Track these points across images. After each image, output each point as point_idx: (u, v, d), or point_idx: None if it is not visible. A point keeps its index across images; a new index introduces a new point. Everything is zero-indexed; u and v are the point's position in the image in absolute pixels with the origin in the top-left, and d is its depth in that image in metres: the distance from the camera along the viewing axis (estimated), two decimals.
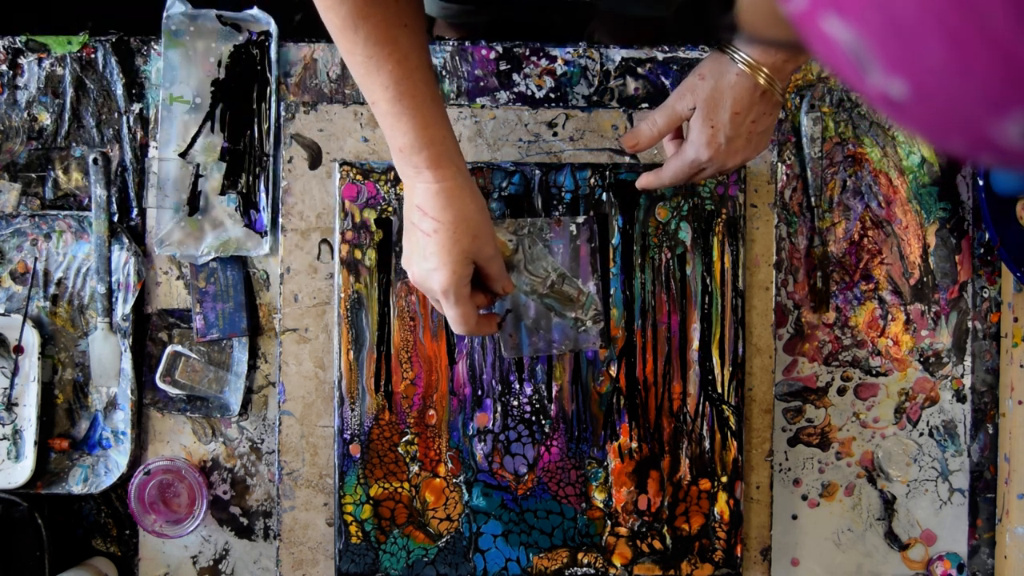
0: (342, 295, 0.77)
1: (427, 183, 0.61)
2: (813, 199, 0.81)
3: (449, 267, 0.60)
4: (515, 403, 0.77)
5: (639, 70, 0.81)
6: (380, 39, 0.58)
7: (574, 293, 0.70)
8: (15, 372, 0.79)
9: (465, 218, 0.61)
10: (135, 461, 0.79)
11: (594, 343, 0.75)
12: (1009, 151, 0.23)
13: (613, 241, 0.77)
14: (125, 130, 0.81)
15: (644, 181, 0.72)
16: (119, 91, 0.81)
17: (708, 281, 0.78)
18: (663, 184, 0.70)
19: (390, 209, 0.77)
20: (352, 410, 0.77)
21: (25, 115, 0.81)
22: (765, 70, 0.61)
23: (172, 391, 0.79)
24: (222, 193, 0.80)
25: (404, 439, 0.77)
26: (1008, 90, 0.21)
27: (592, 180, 0.77)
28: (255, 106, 0.80)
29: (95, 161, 0.79)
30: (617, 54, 0.81)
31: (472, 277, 0.63)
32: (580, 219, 0.74)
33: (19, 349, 0.79)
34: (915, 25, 0.21)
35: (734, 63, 0.62)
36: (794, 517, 0.82)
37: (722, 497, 0.77)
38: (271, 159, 0.79)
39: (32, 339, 0.79)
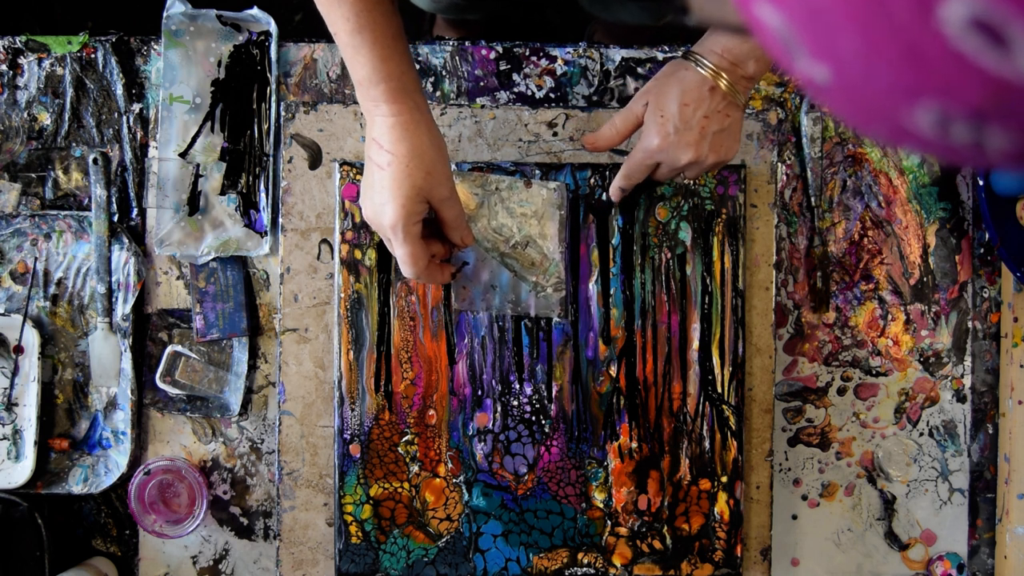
0: (342, 295, 0.77)
1: (384, 116, 0.60)
2: (813, 199, 0.81)
3: (399, 200, 0.59)
4: (515, 403, 0.77)
5: (639, 70, 0.81)
6: None
7: (537, 257, 0.69)
8: (15, 372, 0.79)
9: (419, 153, 0.60)
10: (135, 461, 0.79)
11: (552, 310, 0.73)
12: (924, 140, 0.23)
13: (613, 241, 0.77)
14: (125, 130, 0.81)
15: (612, 188, 0.74)
16: (119, 91, 0.81)
17: (708, 281, 0.78)
18: (624, 181, 0.71)
19: None
20: (352, 410, 0.77)
21: (25, 115, 0.81)
22: (724, 76, 0.63)
23: (172, 391, 0.79)
24: (222, 193, 0.80)
25: (404, 439, 0.77)
26: (915, 79, 0.21)
27: (592, 180, 0.77)
28: (255, 106, 0.80)
29: (95, 161, 0.79)
30: (617, 54, 0.81)
31: (431, 225, 0.63)
32: (552, 184, 0.73)
33: (19, 349, 0.79)
34: (830, 12, 0.21)
35: (687, 62, 0.64)
36: (794, 517, 0.82)
37: (722, 497, 0.77)
38: (271, 159, 0.79)
39: (32, 339, 0.79)
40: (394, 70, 0.60)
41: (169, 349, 0.79)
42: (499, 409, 0.77)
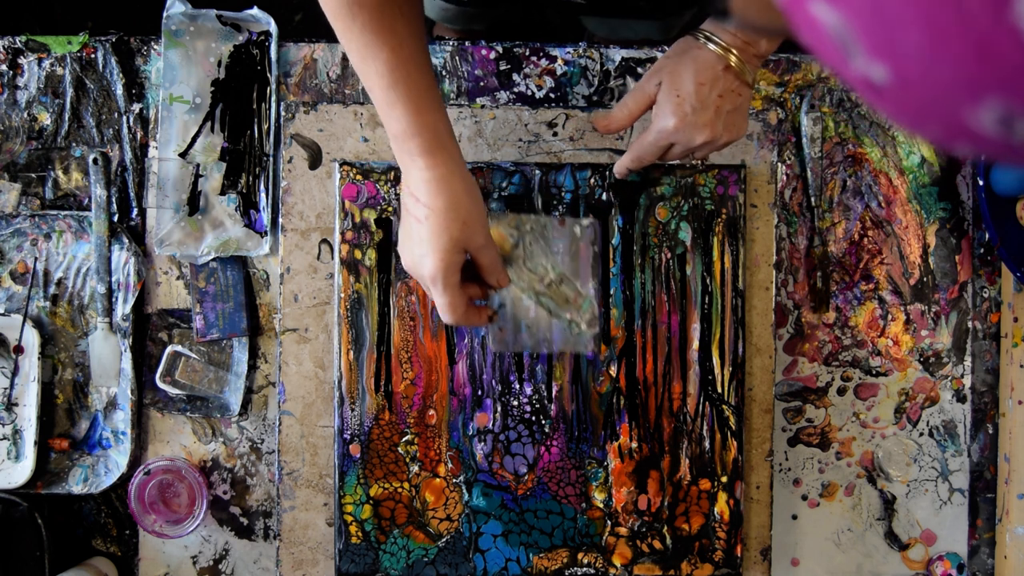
0: (342, 295, 0.77)
1: (420, 170, 0.61)
2: (813, 199, 0.81)
3: (438, 254, 0.60)
4: (515, 403, 0.77)
5: (639, 70, 0.81)
6: (377, 26, 0.58)
7: (571, 295, 0.69)
8: (15, 372, 0.79)
9: (455, 205, 0.60)
10: (135, 461, 0.79)
11: (587, 346, 0.75)
12: (984, 139, 0.23)
13: (613, 241, 0.77)
14: (125, 130, 0.81)
15: (617, 166, 0.73)
16: (119, 91, 0.81)
17: (708, 281, 0.78)
18: (634, 163, 0.70)
19: (390, 209, 0.77)
20: (352, 410, 0.77)
21: (25, 115, 0.81)
22: (734, 53, 0.62)
23: (172, 391, 0.79)
24: (222, 193, 0.80)
25: (404, 439, 0.77)
26: (983, 76, 0.21)
27: (592, 180, 0.77)
28: (255, 106, 0.80)
29: (95, 161, 0.79)
30: (617, 54, 0.81)
31: (467, 268, 0.63)
32: (585, 221, 0.73)
33: (19, 349, 0.79)
34: (897, 9, 0.21)
35: (697, 41, 0.64)
36: (794, 517, 0.82)
37: (722, 497, 0.77)
38: (271, 159, 0.79)
39: (32, 339, 0.79)
40: (429, 123, 0.60)
41: (169, 349, 0.79)
42: (499, 409, 0.77)
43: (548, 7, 0.85)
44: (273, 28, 0.79)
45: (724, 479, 0.77)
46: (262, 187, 0.80)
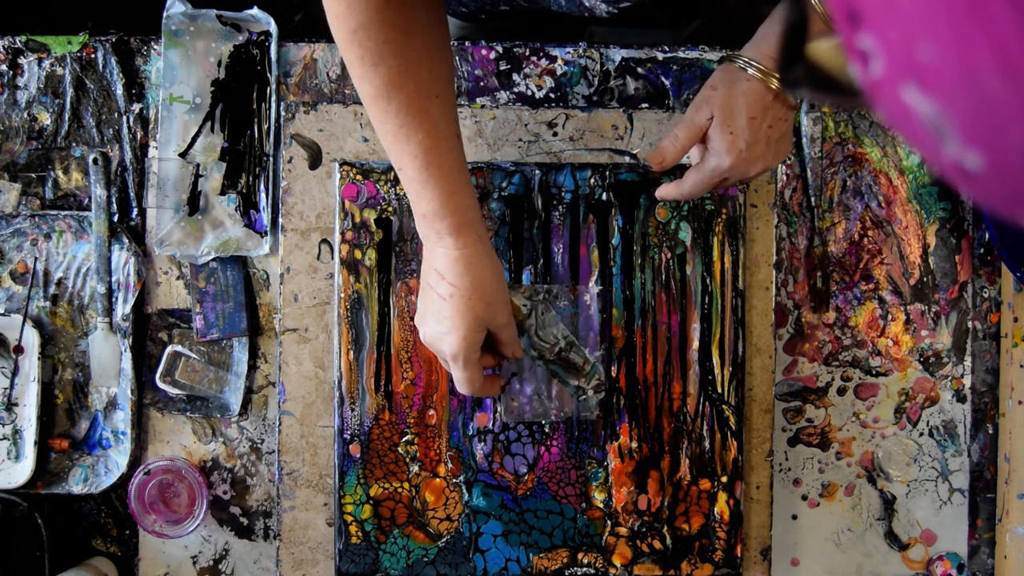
0: (342, 295, 0.77)
1: (447, 249, 0.61)
2: (813, 199, 0.81)
3: (461, 332, 0.61)
4: (515, 403, 0.77)
5: (639, 70, 0.81)
6: (412, 109, 0.58)
7: (580, 361, 0.70)
8: (15, 372, 0.79)
9: (481, 285, 0.61)
10: (135, 461, 0.79)
11: (592, 412, 0.76)
12: None
13: (613, 241, 0.77)
14: (125, 130, 0.81)
15: (664, 192, 0.72)
16: (119, 91, 0.81)
17: (708, 281, 0.78)
18: (684, 196, 0.70)
19: (390, 209, 0.77)
20: (352, 410, 0.77)
21: (25, 115, 0.81)
22: (776, 76, 0.62)
23: (172, 391, 0.79)
24: (222, 193, 0.80)
25: (404, 439, 0.77)
26: None
27: (592, 180, 0.77)
28: (255, 106, 0.80)
29: (95, 161, 0.79)
30: (617, 54, 0.81)
31: (484, 342, 0.64)
32: (596, 289, 0.75)
33: (19, 349, 0.79)
34: (1001, 106, 0.21)
35: (744, 71, 0.63)
36: (794, 517, 0.82)
37: (722, 497, 0.77)
38: (271, 159, 0.79)
39: (32, 339, 0.79)
40: (460, 204, 0.60)
41: (169, 349, 0.79)
42: (499, 409, 0.77)
43: (559, 23, 0.84)
44: (273, 28, 0.79)
45: (724, 479, 0.77)
46: (262, 187, 0.80)
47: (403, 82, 0.58)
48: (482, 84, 0.81)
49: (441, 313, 0.62)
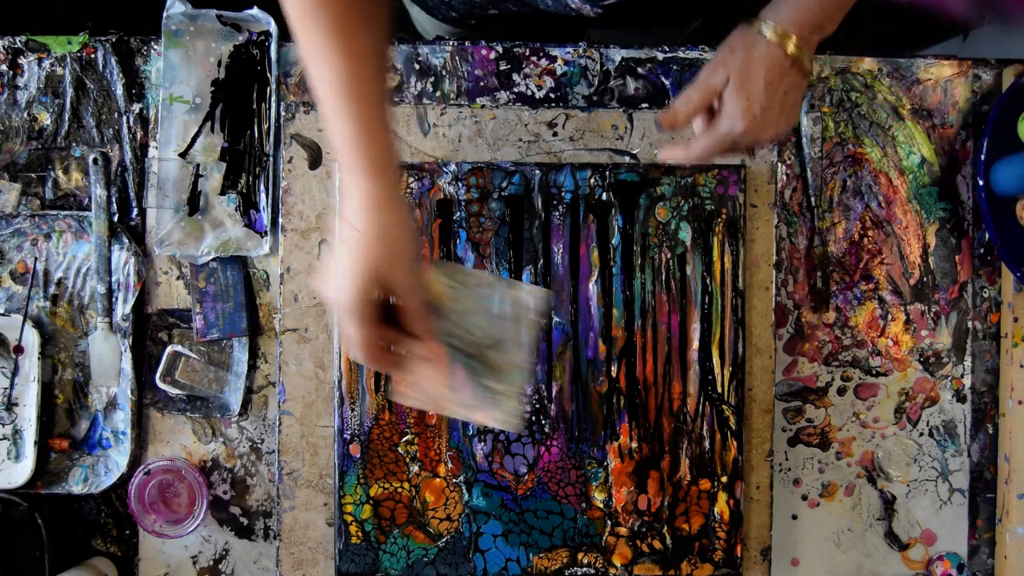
0: None
1: (358, 192, 0.57)
2: (813, 199, 0.81)
3: (355, 280, 0.56)
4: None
5: (639, 70, 0.81)
6: (338, 31, 0.55)
7: (503, 363, 0.63)
8: (15, 372, 0.79)
9: (386, 235, 0.57)
10: (135, 461, 0.79)
11: (504, 422, 0.64)
12: None
13: (613, 241, 0.77)
14: (125, 130, 0.81)
15: (669, 154, 0.68)
16: (119, 91, 0.81)
17: (708, 281, 0.78)
18: (691, 159, 0.67)
19: None
20: (352, 410, 0.77)
21: (25, 115, 0.81)
22: (794, 38, 0.62)
23: (172, 391, 0.79)
24: (222, 193, 0.80)
25: (404, 439, 0.77)
26: None
27: (592, 180, 0.77)
28: (255, 106, 0.80)
29: (95, 161, 0.79)
30: (617, 54, 0.81)
31: (394, 312, 0.59)
32: (539, 291, 0.66)
33: (19, 349, 0.79)
34: None
35: (762, 35, 0.63)
36: (794, 517, 0.82)
37: (722, 497, 0.77)
38: (271, 159, 0.79)
39: (32, 339, 0.79)
40: (373, 142, 0.57)
41: (169, 349, 0.79)
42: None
43: (548, 23, 0.84)
44: (273, 28, 0.79)
45: (724, 479, 0.77)
46: (262, 187, 0.80)
47: (332, 1, 0.55)
48: (482, 84, 0.81)
49: (340, 258, 0.57)
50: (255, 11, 0.79)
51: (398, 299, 0.59)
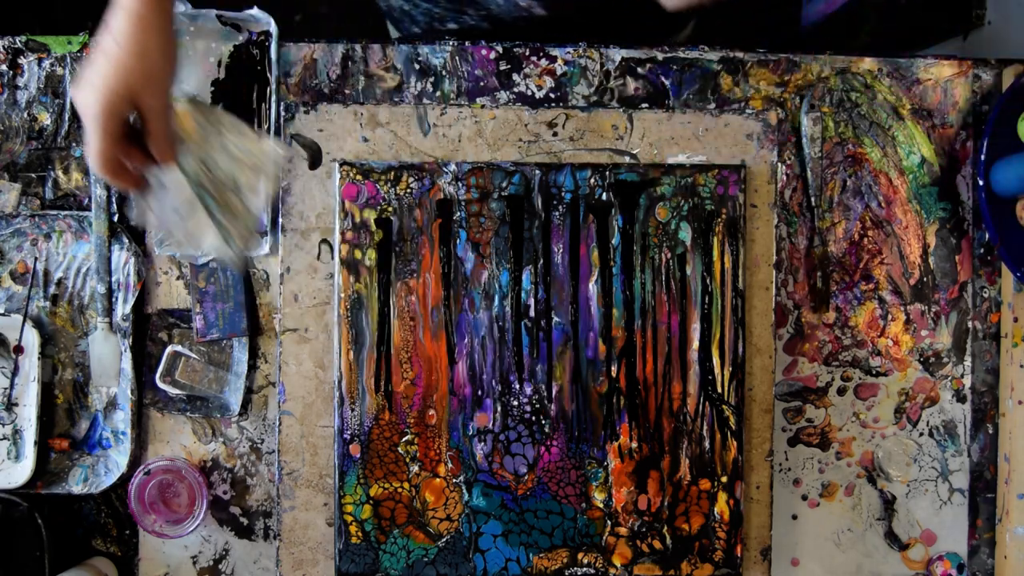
0: (342, 295, 0.77)
1: (126, 2, 0.58)
2: (813, 199, 0.81)
3: (106, 92, 0.57)
4: (515, 403, 0.77)
5: (639, 70, 0.81)
6: None
7: (238, 206, 0.66)
8: (15, 372, 0.79)
9: (144, 54, 0.58)
10: (135, 461, 0.79)
11: (231, 261, 0.69)
12: None
13: (613, 241, 0.77)
14: None
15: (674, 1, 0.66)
16: None
17: (708, 281, 0.78)
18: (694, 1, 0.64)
19: (390, 209, 0.77)
20: (352, 410, 0.77)
21: (25, 115, 0.81)
22: None
23: (172, 391, 0.79)
24: None
25: (404, 439, 0.77)
26: None
27: (592, 180, 0.77)
28: (255, 106, 0.80)
29: None
30: (617, 54, 0.81)
31: (139, 131, 0.61)
32: (279, 146, 0.68)
33: (19, 349, 0.79)
34: None
35: None
36: (794, 517, 0.82)
37: (722, 497, 0.77)
38: None
39: (32, 339, 0.79)
40: None
41: (169, 349, 0.79)
42: (499, 409, 0.77)
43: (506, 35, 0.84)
44: (273, 28, 0.79)
45: (724, 479, 0.77)
46: None
47: None
48: (482, 84, 0.81)
49: (96, 66, 0.58)
50: (255, 11, 0.79)
51: (146, 121, 0.60)
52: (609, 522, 0.77)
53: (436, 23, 0.83)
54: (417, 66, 0.81)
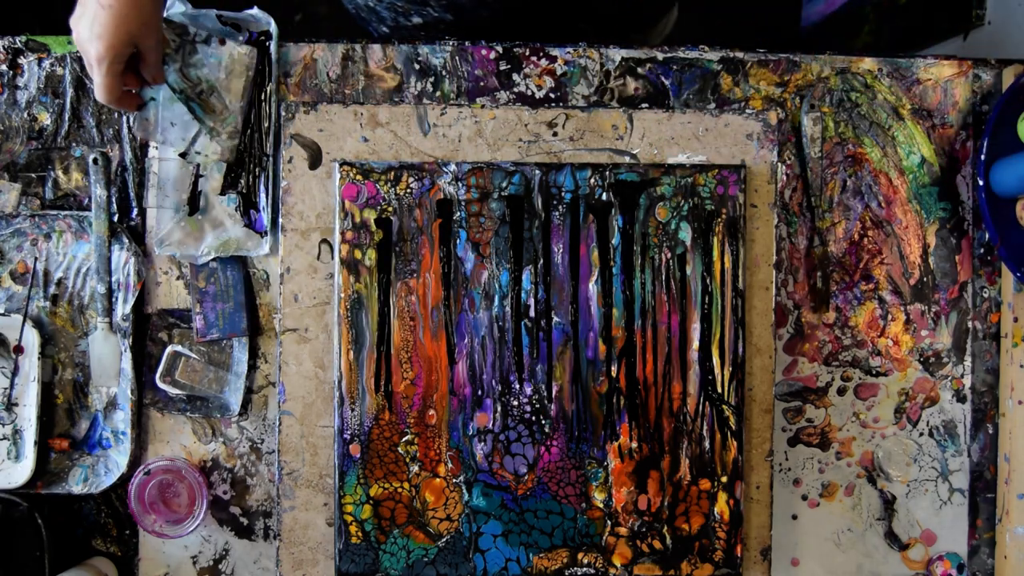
0: (342, 295, 0.77)
1: None
2: (813, 199, 0.81)
3: (110, 40, 0.67)
4: (515, 403, 0.77)
5: (639, 70, 0.81)
6: None
7: (219, 107, 0.77)
8: (15, 372, 0.79)
9: (141, 5, 0.68)
10: (135, 461, 0.79)
11: (220, 152, 0.79)
12: None
13: (613, 241, 0.77)
14: (125, 130, 0.81)
15: None
16: None
17: (708, 281, 0.78)
18: None
19: (390, 209, 0.77)
20: (352, 410, 0.77)
21: (25, 115, 0.81)
22: None
23: (172, 391, 0.79)
24: (222, 193, 0.80)
25: (404, 439, 0.77)
26: None
27: (592, 180, 0.77)
28: (255, 106, 0.80)
29: (95, 161, 0.79)
30: (617, 54, 0.81)
31: (131, 59, 0.71)
32: (244, 48, 0.78)
33: (19, 349, 0.79)
34: None
35: None
36: (794, 517, 0.82)
37: (722, 497, 0.77)
38: (271, 159, 0.79)
39: (32, 339, 0.79)
40: None
41: (169, 349, 0.79)
42: (499, 409, 0.77)
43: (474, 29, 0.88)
44: (273, 28, 0.79)
45: (724, 479, 0.77)
46: (262, 187, 0.80)
47: None
48: (482, 84, 0.81)
49: (96, 19, 0.67)
50: (255, 11, 0.79)
51: (142, 55, 0.72)
52: (609, 522, 0.77)
53: (401, 18, 0.89)
54: (417, 66, 0.81)
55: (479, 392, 0.77)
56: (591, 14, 0.89)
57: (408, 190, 0.77)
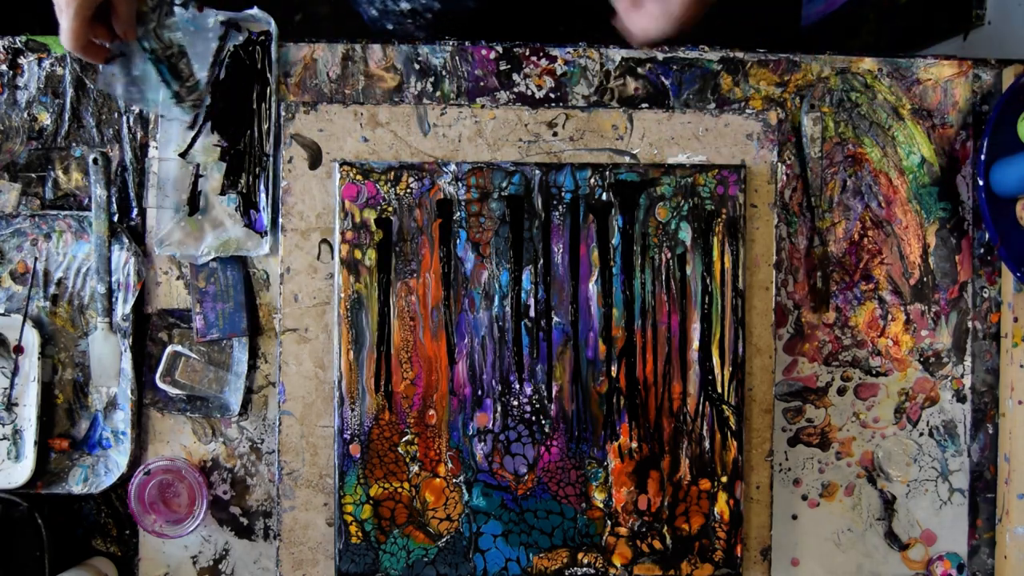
0: (342, 295, 0.77)
1: None
2: (813, 199, 0.81)
3: None
4: (515, 403, 0.77)
5: (639, 70, 0.81)
6: None
7: (186, 72, 0.78)
8: (15, 372, 0.79)
9: None
10: (135, 461, 0.79)
11: (182, 120, 0.79)
12: None
13: (613, 241, 0.77)
14: (125, 130, 0.81)
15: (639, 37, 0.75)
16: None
17: (708, 281, 0.78)
18: (637, 29, 0.73)
19: (390, 209, 0.77)
20: (352, 410, 0.77)
21: (25, 115, 0.81)
22: None
23: (172, 391, 0.79)
24: (222, 193, 0.80)
25: (404, 439, 0.77)
26: None
27: (592, 180, 0.77)
28: (255, 106, 0.80)
29: (95, 161, 0.79)
30: (617, 54, 0.81)
31: (104, 13, 0.71)
32: (220, 17, 0.78)
33: (19, 349, 0.79)
34: None
35: None
36: (794, 517, 0.82)
37: (722, 497, 0.77)
38: (271, 159, 0.79)
39: (32, 339, 0.79)
40: None
41: (169, 349, 0.79)
42: (499, 409, 0.77)
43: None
44: (273, 28, 0.79)
45: (724, 479, 0.77)
46: (262, 187, 0.80)
47: None
48: (482, 84, 0.81)
49: None
50: (255, 11, 0.79)
51: (116, 6, 0.72)
52: (609, 522, 0.77)
53: (391, 2, 0.89)
54: (417, 66, 0.81)
55: (479, 392, 0.77)
56: (584, 10, 0.89)
57: (408, 190, 0.77)
